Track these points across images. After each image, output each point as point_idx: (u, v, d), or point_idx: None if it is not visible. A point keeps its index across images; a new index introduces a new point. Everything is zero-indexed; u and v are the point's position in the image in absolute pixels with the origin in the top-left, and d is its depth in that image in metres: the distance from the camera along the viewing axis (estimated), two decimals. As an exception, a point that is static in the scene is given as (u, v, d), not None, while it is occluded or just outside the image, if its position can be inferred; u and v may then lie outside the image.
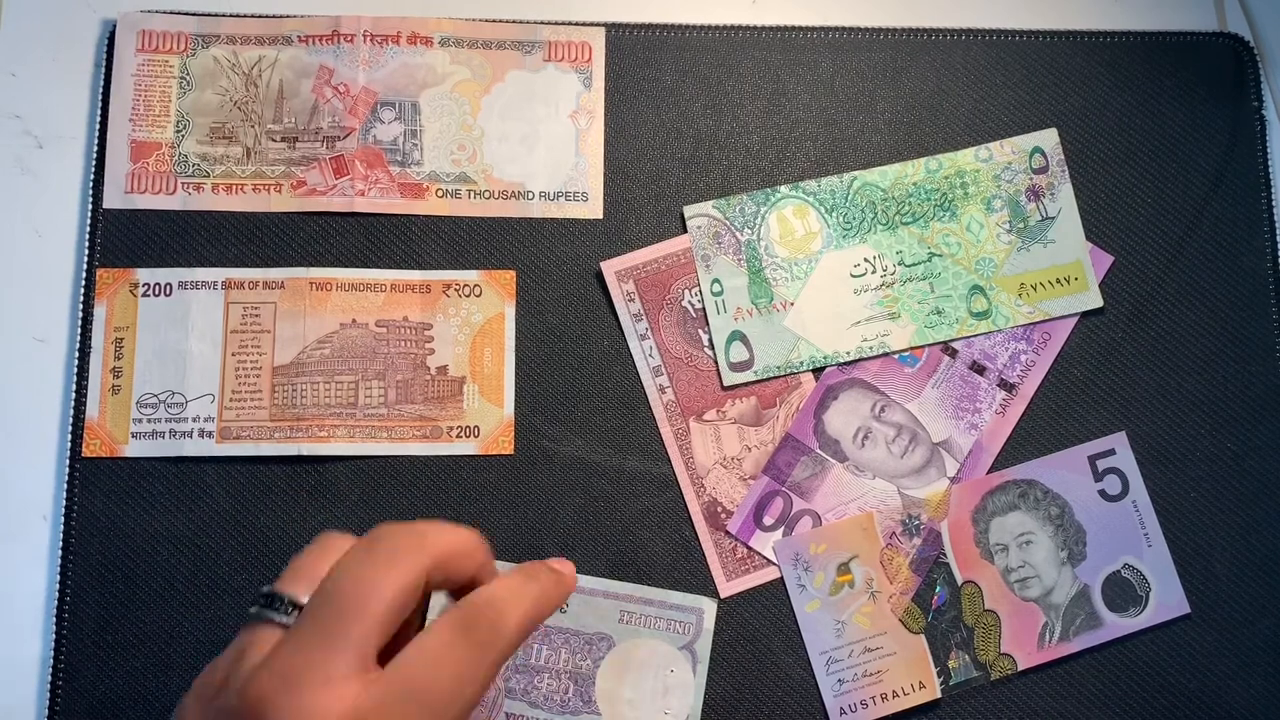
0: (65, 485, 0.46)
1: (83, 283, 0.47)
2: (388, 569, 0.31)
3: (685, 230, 0.49)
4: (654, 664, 0.45)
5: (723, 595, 0.46)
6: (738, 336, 0.48)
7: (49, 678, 0.44)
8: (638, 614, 0.45)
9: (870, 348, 0.48)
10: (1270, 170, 0.50)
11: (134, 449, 0.46)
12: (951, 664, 0.46)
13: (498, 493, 0.46)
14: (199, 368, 0.47)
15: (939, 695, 0.46)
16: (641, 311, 0.48)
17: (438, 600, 0.34)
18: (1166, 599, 0.47)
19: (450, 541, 0.33)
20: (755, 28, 0.50)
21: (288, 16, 0.49)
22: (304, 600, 0.31)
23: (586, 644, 0.45)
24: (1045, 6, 0.52)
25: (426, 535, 0.33)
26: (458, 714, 0.31)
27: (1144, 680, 0.46)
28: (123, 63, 0.49)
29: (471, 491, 0.46)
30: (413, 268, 0.48)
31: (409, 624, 0.34)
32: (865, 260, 0.49)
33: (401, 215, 0.48)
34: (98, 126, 0.48)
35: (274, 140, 0.48)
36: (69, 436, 0.46)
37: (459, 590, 0.34)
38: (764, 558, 0.47)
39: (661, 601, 0.45)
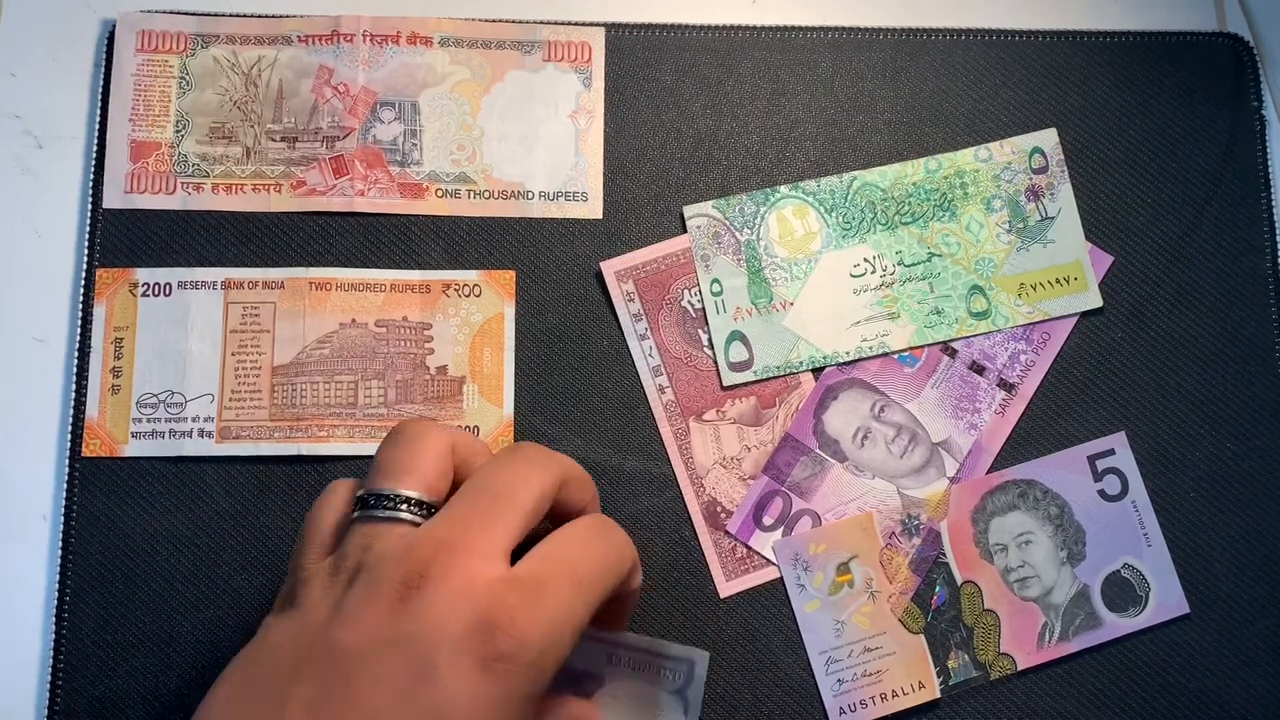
0: (65, 485, 0.46)
1: (82, 283, 0.47)
2: (535, 470, 0.35)
3: (685, 230, 0.49)
4: (643, 707, 0.43)
5: (722, 595, 0.46)
6: (737, 336, 0.48)
7: (49, 677, 0.44)
8: (626, 659, 0.44)
9: (870, 348, 0.48)
10: (1270, 170, 0.50)
11: (134, 449, 0.46)
12: (951, 664, 0.46)
13: (497, 493, 0.46)
14: (199, 368, 0.47)
15: (938, 695, 0.46)
16: (641, 311, 0.48)
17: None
18: (1166, 599, 0.47)
19: (576, 466, 0.37)
20: (755, 28, 0.50)
21: (287, 16, 0.49)
22: (423, 497, 0.34)
23: (571, 682, 0.43)
24: (1045, 6, 0.52)
25: (558, 455, 0.37)
26: (597, 599, 0.34)
27: (1144, 680, 0.46)
28: (122, 63, 0.49)
29: (471, 491, 0.46)
30: (412, 268, 0.48)
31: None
32: (865, 260, 0.49)
33: (401, 215, 0.48)
34: (97, 126, 0.48)
35: (274, 140, 0.48)
36: (69, 436, 0.46)
37: (561, 521, 0.37)
38: (763, 558, 0.47)
39: (650, 650, 0.44)
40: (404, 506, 0.34)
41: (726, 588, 0.46)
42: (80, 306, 0.47)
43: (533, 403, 0.47)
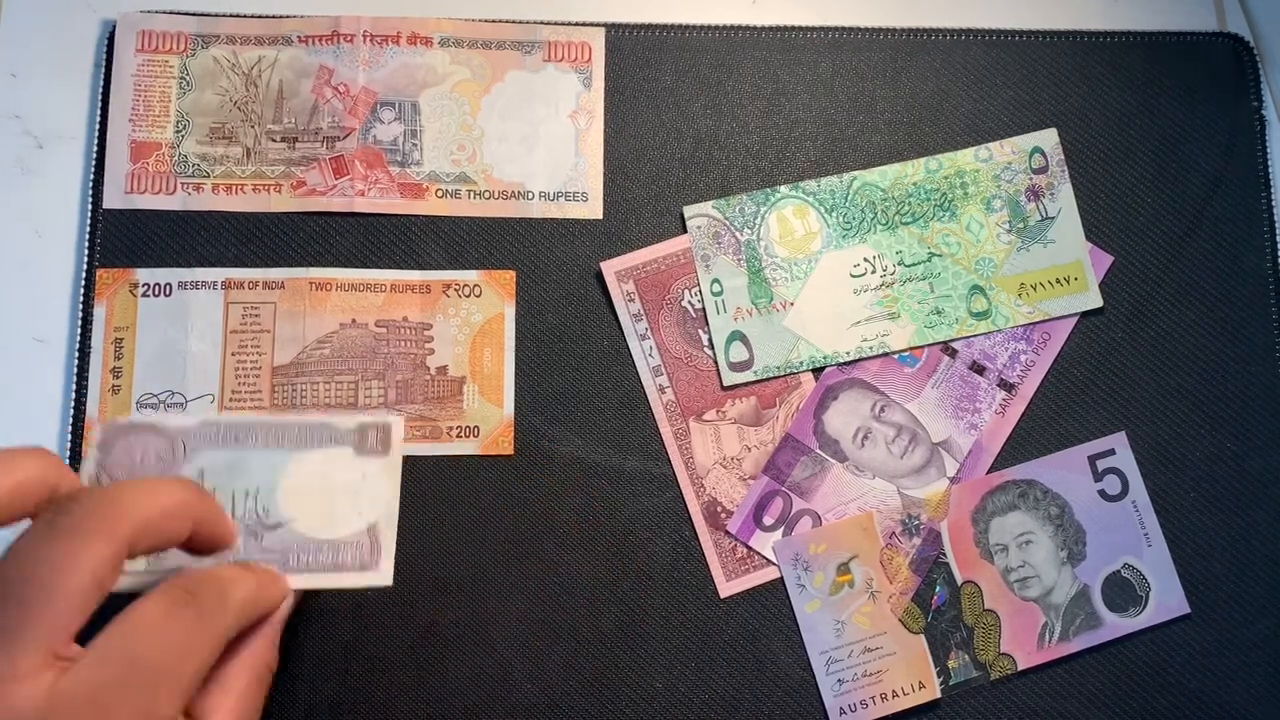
0: (65, 485, 0.46)
1: (82, 283, 0.47)
2: (80, 547, 0.28)
3: (685, 230, 0.49)
4: (339, 469, 0.41)
5: (723, 595, 0.46)
6: (737, 336, 0.48)
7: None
8: (312, 435, 0.41)
9: (870, 348, 0.48)
10: (1270, 170, 0.50)
11: (134, 449, 0.46)
12: (951, 664, 0.46)
13: (498, 493, 0.47)
14: (199, 368, 0.47)
15: (939, 695, 0.46)
16: (641, 311, 0.48)
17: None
18: (1166, 599, 0.47)
19: (151, 506, 0.30)
20: (755, 28, 0.50)
21: (288, 17, 0.49)
22: None
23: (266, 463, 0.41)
24: (1045, 6, 0.52)
25: (123, 502, 0.29)
26: (183, 690, 0.28)
27: (1144, 680, 0.46)
28: (123, 63, 0.49)
29: (471, 491, 0.46)
30: (413, 268, 0.48)
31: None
32: (865, 260, 0.49)
33: (401, 215, 0.48)
34: (98, 126, 0.48)
35: (274, 140, 0.48)
36: (69, 436, 0.46)
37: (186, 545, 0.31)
38: (764, 558, 0.47)
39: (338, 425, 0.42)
40: None
41: (727, 588, 0.46)
42: (80, 306, 0.47)
43: (533, 403, 0.47)
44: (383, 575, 0.40)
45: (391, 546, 0.40)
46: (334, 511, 0.40)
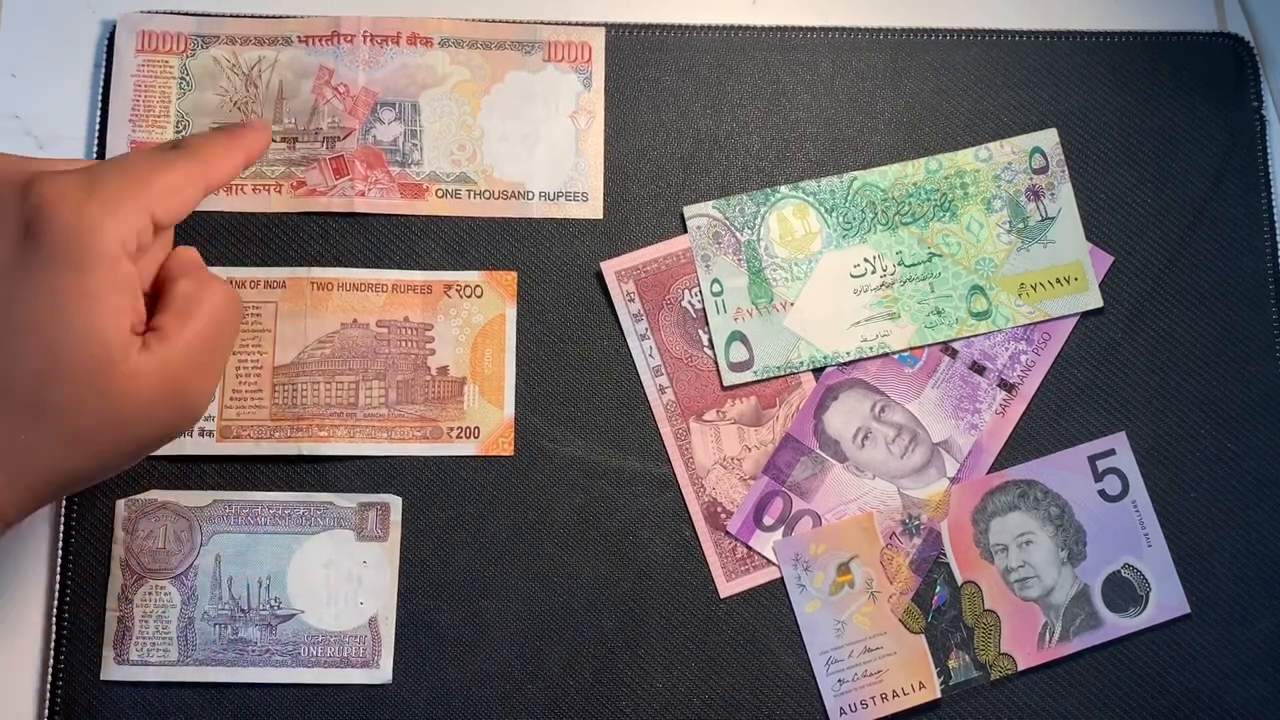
0: (65, 485, 0.46)
1: (83, 283, 0.47)
2: (109, 213, 0.33)
3: (685, 230, 0.49)
4: (343, 556, 0.45)
5: (723, 595, 0.46)
6: (738, 336, 0.48)
7: (49, 677, 0.44)
8: (317, 516, 0.46)
9: (870, 348, 0.48)
10: (1270, 170, 0.50)
11: (134, 449, 0.46)
12: (951, 664, 0.46)
13: (498, 493, 0.47)
14: (199, 368, 0.47)
15: (939, 695, 0.46)
16: (641, 311, 0.48)
17: None
18: (1166, 599, 0.47)
19: (169, 182, 0.35)
20: (755, 28, 0.50)
21: (288, 17, 0.49)
22: None
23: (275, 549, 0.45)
24: (1045, 6, 0.52)
25: (150, 178, 0.35)
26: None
27: (1144, 680, 0.46)
28: (123, 63, 0.49)
29: (471, 491, 0.46)
30: (413, 268, 0.48)
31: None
32: (865, 260, 0.49)
33: (401, 215, 0.48)
34: (98, 127, 0.48)
35: (274, 140, 0.48)
36: (69, 436, 0.46)
37: None
38: (764, 558, 0.47)
39: (336, 504, 0.46)
40: None
41: (727, 588, 0.46)
42: (81, 307, 0.47)
43: (533, 403, 0.47)
44: (383, 673, 0.45)
45: (391, 640, 0.45)
46: (338, 601, 0.45)
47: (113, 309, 0.33)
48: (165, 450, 0.46)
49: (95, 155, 0.48)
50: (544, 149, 0.49)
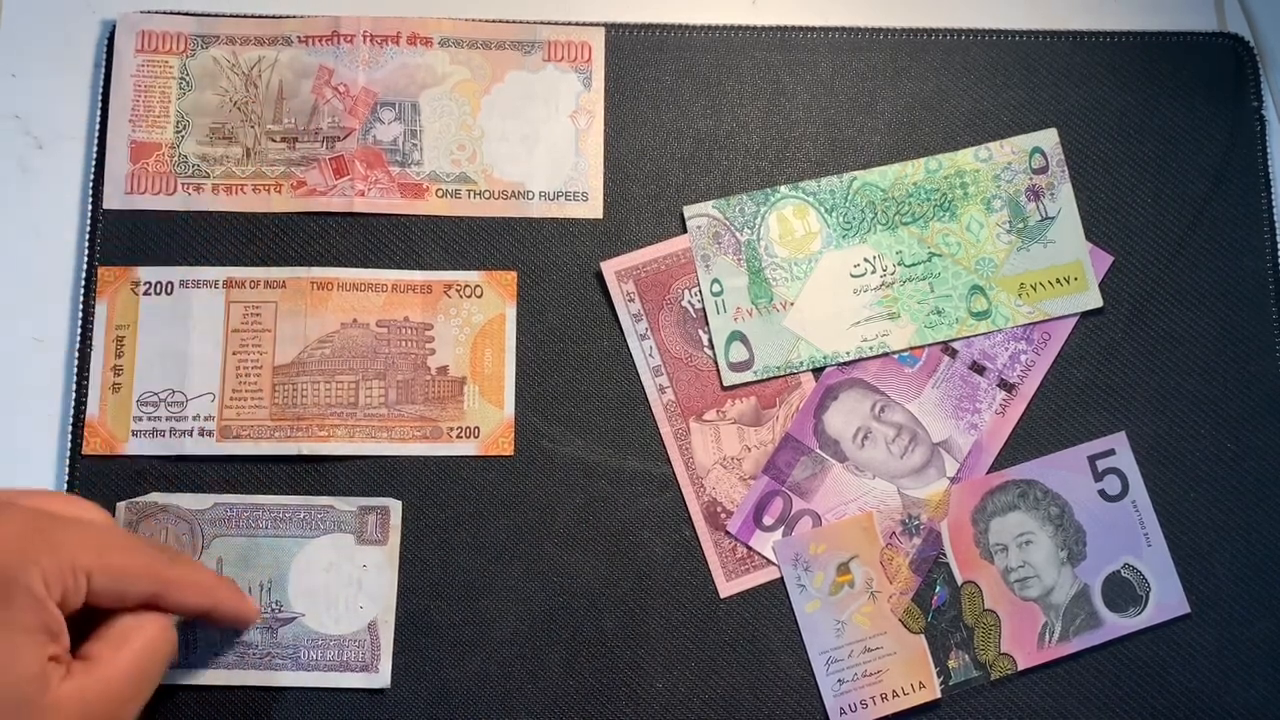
0: (65, 483, 0.46)
1: (83, 283, 0.47)
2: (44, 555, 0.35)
3: (685, 230, 0.49)
4: (343, 559, 0.45)
5: (723, 595, 0.46)
6: (738, 336, 0.48)
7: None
8: (317, 520, 0.46)
9: (870, 348, 0.48)
10: (1270, 170, 0.50)
11: (134, 447, 0.46)
12: (951, 664, 0.46)
13: (498, 493, 0.47)
14: (200, 366, 0.47)
15: (939, 695, 0.46)
16: (641, 311, 0.48)
17: None
18: (1166, 599, 0.47)
19: (122, 564, 0.37)
20: (755, 28, 0.50)
21: (287, 17, 0.49)
22: None
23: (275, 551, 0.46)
24: (1045, 6, 0.52)
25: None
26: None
27: (1144, 680, 0.46)
28: (122, 63, 0.49)
29: (471, 491, 0.46)
30: (413, 268, 0.48)
31: None
32: (865, 260, 0.49)
33: (401, 215, 0.48)
34: (98, 127, 0.48)
35: (274, 140, 0.48)
36: (69, 434, 0.46)
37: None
38: (764, 558, 0.47)
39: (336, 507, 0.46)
40: None
41: (727, 588, 0.46)
42: (80, 306, 0.47)
43: (533, 403, 0.47)
44: (382, 677, 0.45)
45: (390, 644, 0.45)
46: (338, 605, 0.45)
47: (27, 649, 0.33)
48: (165, 450, 0.46)
49: (95, 155, 0.48)
50: (544, 149, 0.49)
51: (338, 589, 0.45)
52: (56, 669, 0.34)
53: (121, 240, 0.47)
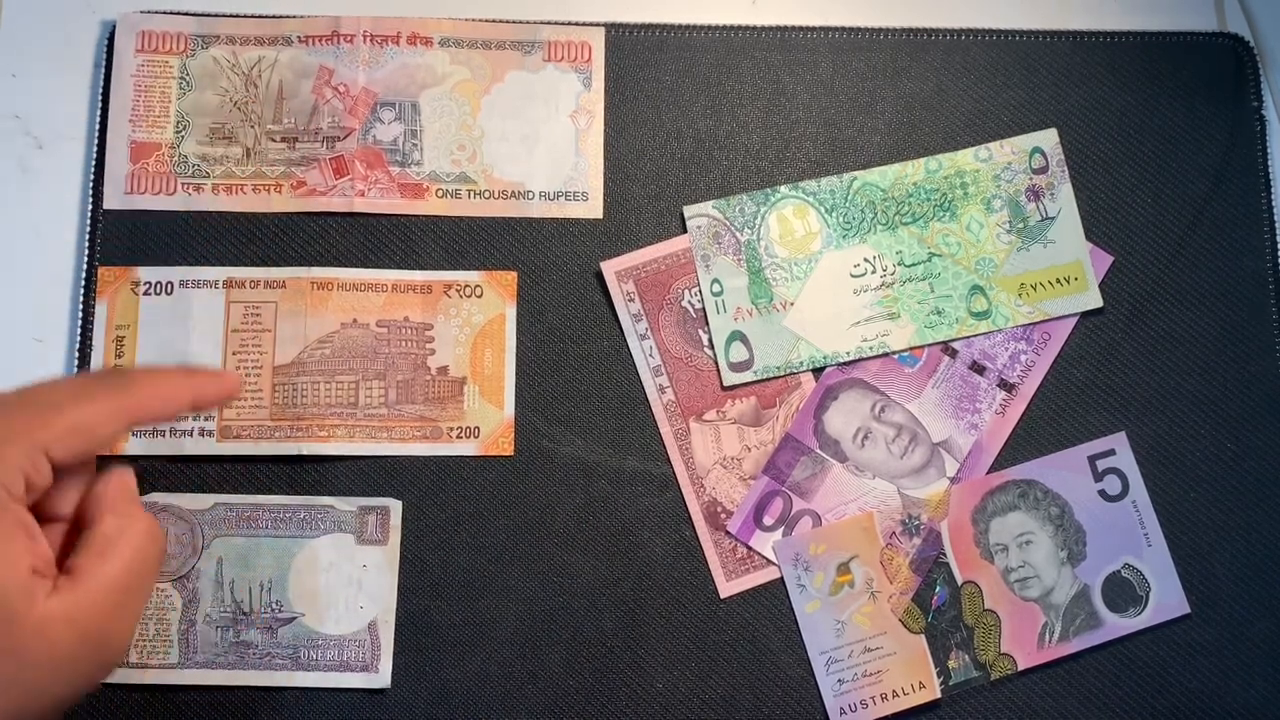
0: (65, 485, 0.46)
1: (83, 282, 0.47)
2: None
3: (685, 230, 0.49)
4: (343, 559, 0.45)
5: (723, 595, 0.46)
6: (738, 336, 0.48)
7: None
8: (317, 520, 0.46)
9: (870, 348, 0.48)
10: (1270, 170, 0.50)
11: (134, 447, 0.46)
12: (951, 664, 0.46)
13: (498, 493, 0.47)
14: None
15: (939, 695, 0.46)
16: (641, 311, 0.48)
17: None
18: (1166, 599, 0.47)
19: (80, 417, 0.33)
20: (755, 28, 0.50)
21: (287, 17, 0.49)
22: None
23: (276, 551, 0.45)
24: (1045, 6, 0.52)
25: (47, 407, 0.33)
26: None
27: (1144, 680, 0.46)
28: (122, 63, 0.49)
29: (471, 491, 0.46)
30: (413, 268, 0.48)
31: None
32: (865, 260, 0.49)
33: (401, 215, 0.48)
34: (98, 127, 0.48)
35: (274, 140, 0.48)
36: (69, 436, 0.46)
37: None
38: (764, 558, 0.47)
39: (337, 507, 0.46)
40: None
41: (727, 588, 0.46)
42: (80, 306, 0.47)
43: (533, 403, 0.47)
44: (382, 677, 0.45)
45: (390, 645, 0.45)
46: (338, 605, 0.45)
47: (3, 556, 0.30)
48: (165, 450, 0.46)
49: (95, 155, 0.48)
50: (544, 149, 0.49)
51: (338, 589, 0.45)
52: (41, 583, 0.31)
53: (121, 240, 0.47)
